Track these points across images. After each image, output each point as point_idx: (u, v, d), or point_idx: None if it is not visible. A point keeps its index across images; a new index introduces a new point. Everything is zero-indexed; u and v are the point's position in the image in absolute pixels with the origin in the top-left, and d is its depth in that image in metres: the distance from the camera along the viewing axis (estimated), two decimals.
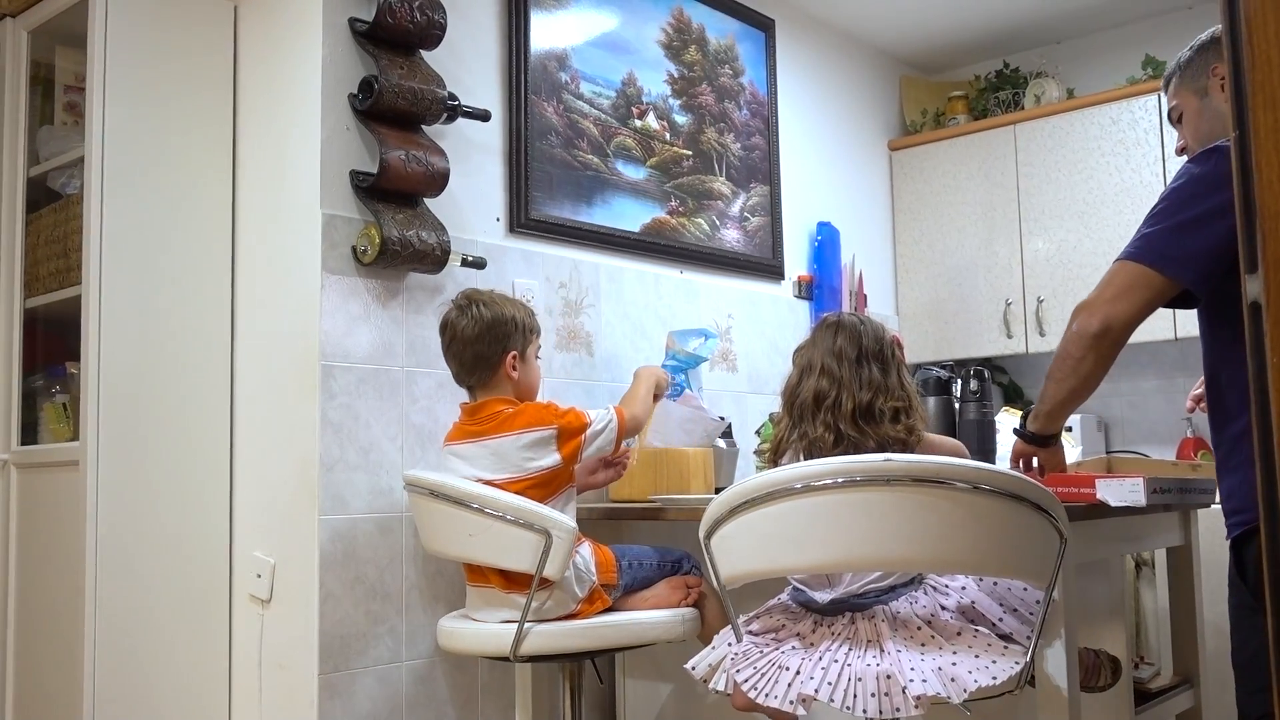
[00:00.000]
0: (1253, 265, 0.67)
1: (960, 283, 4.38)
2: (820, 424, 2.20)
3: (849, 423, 2.18)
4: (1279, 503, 0.65)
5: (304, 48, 2.74)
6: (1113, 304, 1.87)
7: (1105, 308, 1.88)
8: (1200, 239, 1.79)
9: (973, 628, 2.04)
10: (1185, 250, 1.80)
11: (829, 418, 2.19)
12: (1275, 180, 0.66)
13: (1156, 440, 4.28)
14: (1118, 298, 1.87)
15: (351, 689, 2.61)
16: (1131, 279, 1.86)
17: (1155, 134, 3.94)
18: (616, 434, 2.52)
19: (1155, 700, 2.63)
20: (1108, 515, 2.28)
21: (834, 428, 2.18)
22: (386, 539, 2.71)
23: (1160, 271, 1.83)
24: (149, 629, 2.69)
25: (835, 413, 2.19)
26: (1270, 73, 0.67)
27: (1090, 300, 1.92)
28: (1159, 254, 1.83)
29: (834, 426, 2.18)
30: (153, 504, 2.72)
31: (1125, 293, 1.86)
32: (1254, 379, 0.68)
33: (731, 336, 3.72)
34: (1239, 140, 0.69)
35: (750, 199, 3.84)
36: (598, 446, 2.49)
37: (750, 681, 1.99)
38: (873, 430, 2.18)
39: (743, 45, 3.88)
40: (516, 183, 3.08)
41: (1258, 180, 0.67)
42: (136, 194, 2.75)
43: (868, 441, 2.16)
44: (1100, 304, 1.89)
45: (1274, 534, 0.66)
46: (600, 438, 2.49)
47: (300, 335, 2.68)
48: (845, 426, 2.18)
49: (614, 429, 2.51)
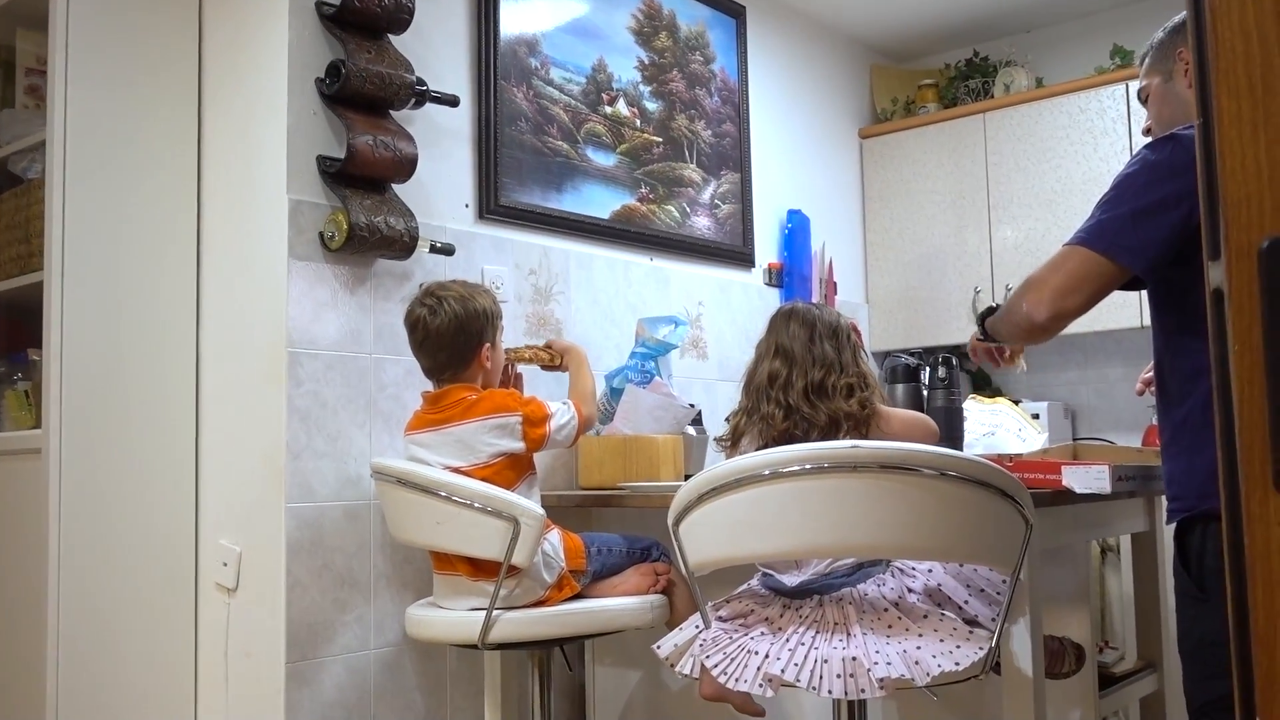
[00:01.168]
0: (1215, 252, 0.68)
1: (930, 270, 4.40)
2: (771, 402, 2.25)
3: (800, 397, 2.23)
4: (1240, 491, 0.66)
5: (270, 31, 2.71)
6: (1065, 297, 1.86)
7: (1056, 301, 1.86)
8: (1153, 228, 1.79)
9: (939, 611, 2.05)
10: (1139, 239, 1.80)
11: (780, 396, 2.26)
12: (1239, 167, 0.66)
13: (1123, 427, 4.32)
14: (1070, 290, 1.86)
15: (319, 677, 2.60)
16: (1083, 267, 1.85)
17: (1123, 123, 3.97)
18: (576, 431, 2.55)
19: (1119, 684, 2.65)
20: (1073, 502, 2.30)
21: (784, 404, 2.24)
22: (354, 527, 2.69)
23: (1113, 259, 1.83)
24: (114, 618, 2.66)
25: (786, 391, 2.25)
26: (1234, 60, 0.67)
27: (1039, 281, 1.89)
28: (1111, 241, 1.83)
29: (784, 403, 2.25)
30: (117, 492, 2.69)
31: (1078, 284, 1.85)
32: (1216, 367, 0.68)
33: (702, 324, 3.72)
34: (1203, 127, 0.69)
35: (721, 186, 3.83)
36: (560, 440, 2.52)
37: (720, 667, 2.00)
38: (824, 405, 2.22)
39: (713, 32, 3.87)
40: (486, 169, 3.06)
41: (1221, 167, 0.67)
42: (99, 178, 2.71)
43: (819, 416, 2.21)
44: (1050, 293, 1.87)
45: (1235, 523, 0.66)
46: (563, 431, 2.51)
47: (267, 322, 2.66)
48: (796, 401, 2.23)
49: (574, 426, 2.54)
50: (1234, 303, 0.66)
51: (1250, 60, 0.66)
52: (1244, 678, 0.66)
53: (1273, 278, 0.64)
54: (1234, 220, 0.66)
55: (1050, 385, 4.50)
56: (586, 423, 2.60)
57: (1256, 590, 0.64)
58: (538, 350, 2.78)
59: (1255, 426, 0.65)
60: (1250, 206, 0.66)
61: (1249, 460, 0.65)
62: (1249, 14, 0.66)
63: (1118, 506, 2.66)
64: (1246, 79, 0.66)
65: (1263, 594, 0.64)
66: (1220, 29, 0.67)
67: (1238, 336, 0.66)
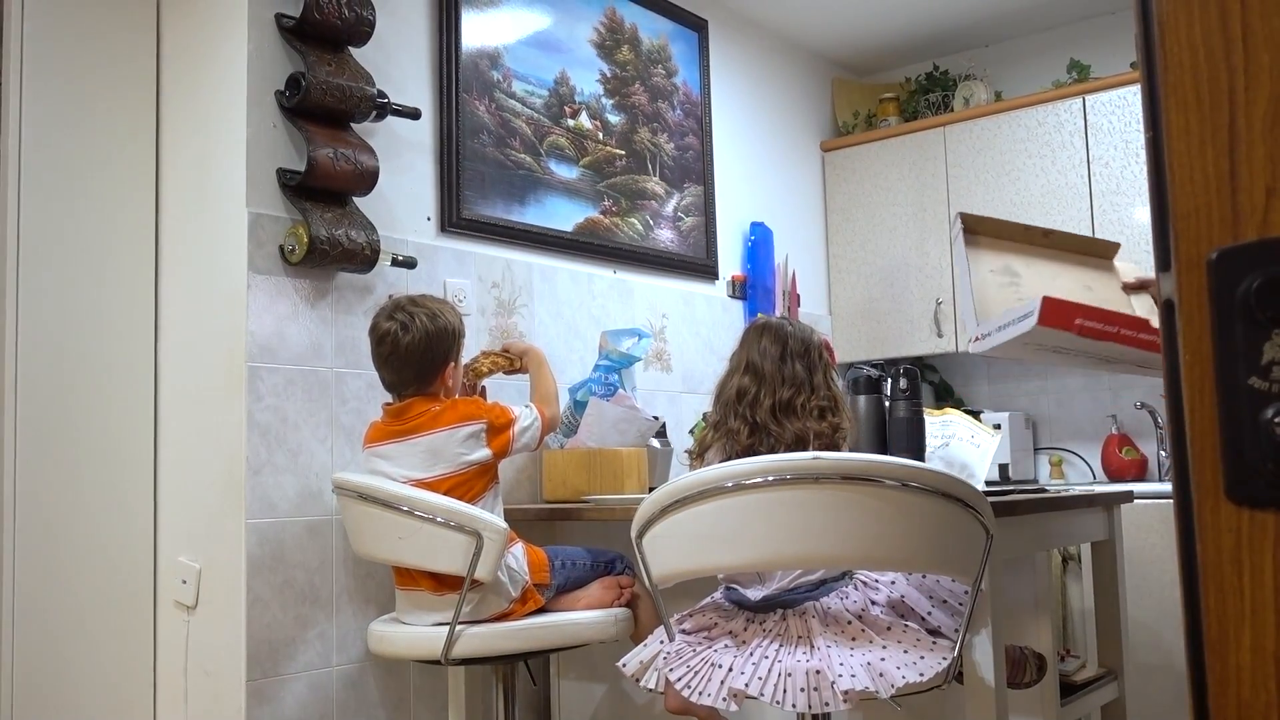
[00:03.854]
0: (1165, 264, 0.68)
1: (892, 282, 4.43)
2: (738, 418, 2.25)
3: (767, 415, 2.23)
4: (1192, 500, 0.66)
5: (229, 42, 2.69)
6: None
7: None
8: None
9: (902, 623, 2.06)
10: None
11: (747, 413, 2.25)
12: (1187, 180, 0.67)
13: (1083, 437, 4.36)
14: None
15: (280, 695, 2.57)
16: None
17: (1080, 136, 4.02)
18: (540, 433, 2.56)
19: (1080, 692, 2.67)
20: (1034, 511, 2.32)
21: (750, 421, 2.24)
22: (316, 542, 2.67)
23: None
24: (70, 635, 2.62)
25: (754, 408, 2.24)
26: (1182, 74, 0.68)
27: None
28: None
29: (750, 420, 2.24)
30: (73, 507, 2.65)
31: None
32: (1167, 376, 0.69)
33: (666, 336, 3.72)
34: (1152, 141, 0.70)
35: (684, 199, 3.84)
36: (524, 444, 2.53)
37: (684, 680, 2.00)
38: (791, 424, 2.22)
39: (676, 45, 3.89)
40: (448, 181, 3.06)
41: (1170, 180, 0.68)
42: (55, 190, 2.68)
43: (785, 434, 2.20)
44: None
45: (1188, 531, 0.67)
46: (526, 434, 2.52)
47: (226, 335, 2.63)
48: (763, 419, 2.22)
49: (538, 428, 2.55)
50: (1184, 313, 0.67)
51: (1198, 74, 0.67)
52: (1197, 682, 0.66)
53: (1221, 289, 0.65)
54: (1183, 232, 0.67)
55: (1011, 395, 4.54)
56: (550, 424, 2.60)
57: (1209, 597, 0.65)
58: (495, 358, 2.78)
59: (1206, 435, 0.66)
60: (1199, 219, 0.66)
61: (1200, 469, 0.66)
62: (1196, 29, 0.67)
63: (1078, 516, 2.68)
64: (1195, 93, 0.67)
65: (1214, 601, 0.65)
66: (1169, 43, 0.68)
67: (1188, 346, 0.67)
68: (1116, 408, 4.28)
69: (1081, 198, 3.99)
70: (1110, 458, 4.17)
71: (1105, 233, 3.90)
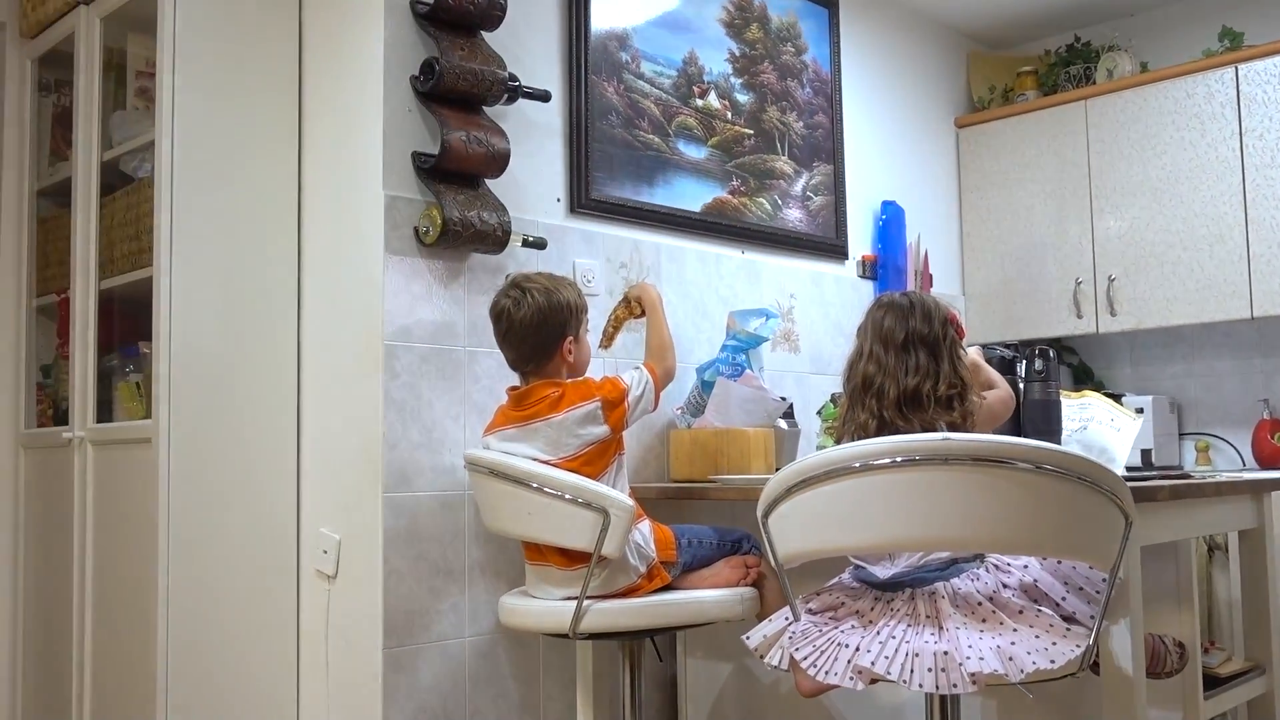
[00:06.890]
0: None
1: (1029, 262, 4.31)
2: (865, 410, 2.21)
3: (894, 410, 2.18)
4: None
5: (366, 30, 2.77)
6: None
7: None
8: None
9: (1035, 607, 2.02)
10: None
11: (873, 404, 2.20)
12: None
13: (1232, 422, 4.18)
14: None
15: (415, 663, 2.65)
16: None
17: (1232, 108, 3.84)
18: (655, 392, 2.57)
19: (1225, 686, 2.57)
20: (1176, 497, 2.24)
21: (878, 414, 2.20)
22: (449, 516, 2.74)
23: None
24: (219, 602, 2.75)
25: (880, 400, 2.20)
26: None
27: None
28: None
29: (878, 414, 2.19)
30: (222, 480, 2.78)
31: None
32: None
33: (794, 317, 3.69)
34: None
35: (813, 178, 3.81)
36: (642, 409, 2.55)
37: (809, 659, 1.99)
38: (918, 417, 2.17)
39: (805, 23, 3.84)
40: (577, 163, 3.09)
41: None
42: (205, 177, 2.80)
43: (913, 429, 2.15)
44: None
45: None
46: (642, 401, 2.54)
47: (364, 315, 2.72)
48: (890, 414, 2.18)
49: (652, 390, 2.56)
50: None
51: None
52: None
53: None
54: None
55: (1155, 378, 4.38)
56: (664, 378, 2.62)
57: None
58: (619, 311, 2.82)
59: None
60: None
61: None
62: None
63: (1224, 503, 2.58)
64: None
65: None
66: None
67: None
68: (1269, 392, 4.09)
69: (1233, 171, 3.81)
70: (1261, 444, 3.99)
71: (1259, 207, 3.72)
